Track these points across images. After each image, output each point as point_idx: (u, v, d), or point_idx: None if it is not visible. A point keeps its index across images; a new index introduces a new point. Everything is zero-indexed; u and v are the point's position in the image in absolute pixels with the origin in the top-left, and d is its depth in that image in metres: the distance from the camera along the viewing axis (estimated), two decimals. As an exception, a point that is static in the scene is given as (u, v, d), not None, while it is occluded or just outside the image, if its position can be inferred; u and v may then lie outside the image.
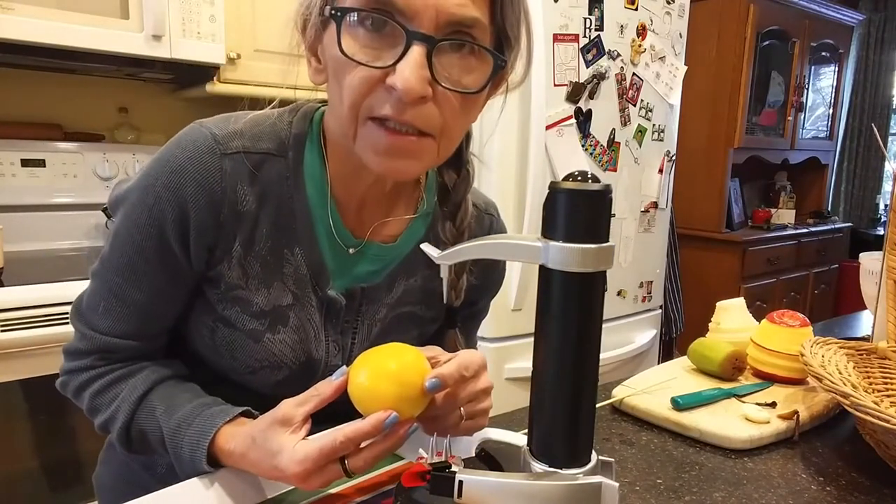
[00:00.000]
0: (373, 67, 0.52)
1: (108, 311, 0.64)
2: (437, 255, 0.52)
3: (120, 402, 0.64)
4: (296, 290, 0.66)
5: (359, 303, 0.69)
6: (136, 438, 0.64)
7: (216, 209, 0.60)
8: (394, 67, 0.51)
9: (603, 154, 1.96)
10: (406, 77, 0.50)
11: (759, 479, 0.65)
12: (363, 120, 0.55)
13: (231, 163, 0.60)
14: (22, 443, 1.38)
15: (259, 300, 0.65)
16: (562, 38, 1.78)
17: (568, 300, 0.44)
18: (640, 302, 2.21)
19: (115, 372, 0.65)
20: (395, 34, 0.51)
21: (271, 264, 0.64)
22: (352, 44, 0.52)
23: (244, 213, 0.62)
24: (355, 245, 0.68)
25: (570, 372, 0.45)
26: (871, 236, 3.98)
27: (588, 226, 0.43)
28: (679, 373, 0.90)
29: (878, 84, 4.02)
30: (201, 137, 0.60)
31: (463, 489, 0.46)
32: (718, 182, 3.09)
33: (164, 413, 0.62)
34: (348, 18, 0.52)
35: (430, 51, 0.51)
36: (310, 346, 0.68)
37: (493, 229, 0.78)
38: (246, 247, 0.63)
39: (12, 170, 1.68)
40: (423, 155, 0.57)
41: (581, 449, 0.47)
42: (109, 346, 0.65)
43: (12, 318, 1.29)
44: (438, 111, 0.54)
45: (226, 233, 0.62)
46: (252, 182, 0.62)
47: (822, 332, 1.00)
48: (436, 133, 0.56)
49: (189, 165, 0.59)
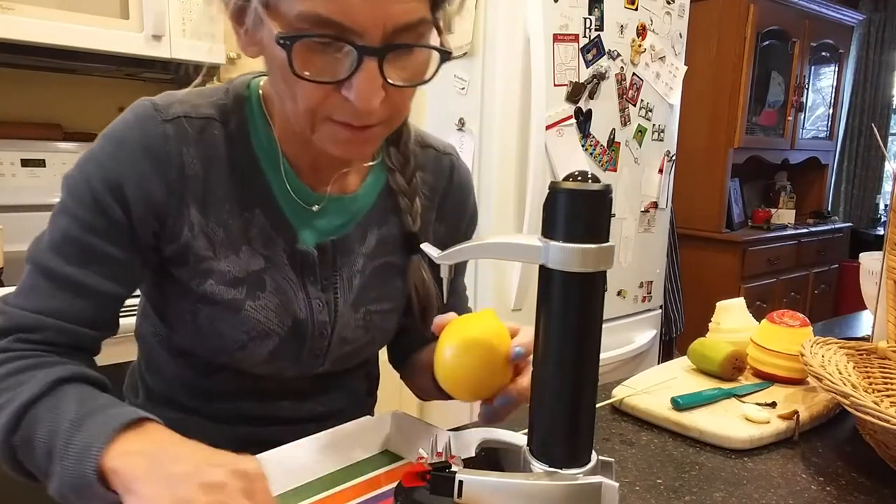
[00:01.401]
0: (327, 83, 0.53)
1: (35, 290, 0.59)
2: (436, 255, 0.52)
3: (29, 384, 0.54)
4: (265, 251, 0.66)
5: (332, 256, 0.69)
6: (26, 427, 0.53)
7: (162, 174, 0.60)
8: (349, 81, 0.52)
9: (603, 154, 1.96)
10: (363, 96, 0.52)
11: (759, 479, 0.65)
12: (321, 120, 0.56)
13: (173, 128, 0.61)
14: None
15: (231, 267, 0.64)
16: (562, 38, 1.78)
17: (568, 300, 0.44)
18: (640, 302, 2.21)
19: (31, 358, 0.57)
20: (346, 50, 0.51)
21: (234, 229, 0.64)
22: (302, 62, 0.52)
23: (192, 177, 0.62)
24: (317, 201, 0.68)
25: (570, 372, 0.45)
26: (871, 236, 3.98)
27: (588, 226, 0.43)
28: (679, 373, 0.90)
29: (878, 84, 4.02)
30: (141, 107, 0.61)
31: (463, 489, 0.46)
32: (718, 182, 3.09)
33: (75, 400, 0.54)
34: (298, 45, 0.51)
35: (381, 62, 0.52)
36: (292, 306, 0.67)
37: (454, 169, 0.78)
38: (204, 213, 0.63)
39: (12, 170, 1.68)
40: (378, 139, 0.60)
41: (581, 449, 0.47)
42: (29, 323, 0.58)
43: (12, 318, 1.28)
44: (390, 104, 0.56)
45: (177, 199, 0.61)
46: (197, 146, 0.62)
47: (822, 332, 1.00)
48: (387, 118, 0.58)
49: (130, 133, 0.60)
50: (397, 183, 0.71)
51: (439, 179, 0.77)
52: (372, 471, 0.64)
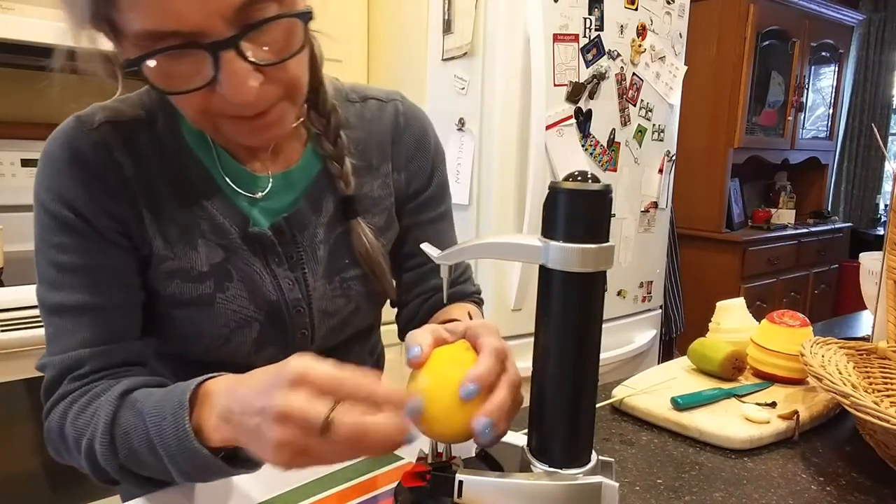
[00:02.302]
0: (196, 90, 0.51)
1: (58, 333, 0.61)
2: (436, 255, 0.52)
3: (101, 409, 0.57)
4: (221, 241, 0.66)
5: (290, 233, 0.68)
6: (122, 445, 0.55)
7: (102, 182, 0.61)
8: (216, 80, 0.50)
9: (603, 154, 1.96)
10: (234, 91, 0.50)
11: (759, 479, 0.65)
12: (216, 119, 0.55)
13: (98, 135, 0.61)
14: (23, 443, 1.38)
15: (192, 263, 0.65)
16: (562, 38, 1.78)
17: (568, 300, 0.44)
18: (640, 302, 2.21)
19: (93, 389, 0.60)
20: (199, 52, 0.49)
21: (186, 224, 0.64)
22: (166, 78, 0.51)
23: (132, 178, 0.62)
24: (262, 182, 0.67)
25: (569, 372, 0.45)
26: (871, 236, 3.98)
27: (588, 226, 0.43)
28: (679, 373, 0.90)
29: (878, 84, 4.02)
30: (65, 124, 0.62)
31: (463, 489, 0.46)
32: (718, 182, 3.09)
33: (146, 400, 0.55)
34: (145, 65, 0.49)
35: (238, 50, 0.49)
36: (262, 290, 0.67)
37: (399, 113, 0.76)
38: (154, 212, 0.63)
39: (12, 170, 1.68)
40: (285, 117, 0.58)
41: (581, 449, 0.47)
42: (71, 363, 0.60)
43: (12, 318, 1.29)
44: (277, 81, 0.54)
45: (128, 203, 0.62)
46: (127, 149, 0.62)
47: (822, 332, 1.00)
48: (284, 95, 0.56)
49: (60, 151, 0.60)
50: (323, 147, 0.69)
51: (385, 128, 0.75)
52: (372, 471, 0.64)
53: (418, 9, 1.91)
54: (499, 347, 0.49)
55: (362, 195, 0.73)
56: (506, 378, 0.49)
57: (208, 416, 0.50)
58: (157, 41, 0.48)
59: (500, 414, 0.47)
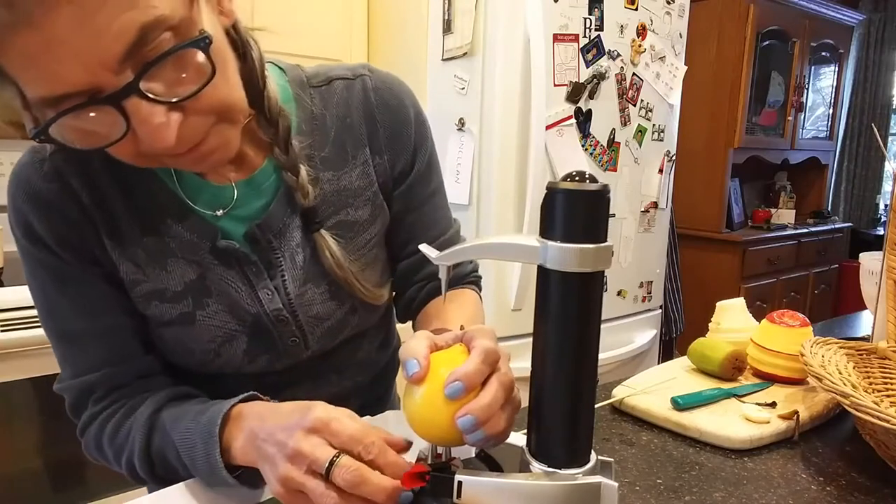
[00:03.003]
0: (114, 143, 0.47)
1: (68, 357, 0.64)
2: (434, 256, 0.52)
3: (134, 431, 0.62)
4: (194, 258, 0.63)
5: (266, 239, 0.65)
6: (159, 463, 0.62)
7: (60, 211, 0.60)
8: (132, 129, 0.46)
9: (603, 154, 1.96)
10: (151, 138, 0.46)
11: (759, 479, 0.65)
12: (156, 159, 0.51)
13: (51, 165, 0.59)
14: (24, 442, 1.38)
15: (166, 284, 0.63)
16: (562, 38, 1.78)
17: (566, 300, 0.44)
18: (640, 302, 2.21)
19: (121, 409, 0.64)
20: (100, 106, 0.45)
21: (154, 246, 0.63)
22: (80, 136, 0.47)
23: (91, 206, 0.60)
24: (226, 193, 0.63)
25: (568, 372, 0.45)
26: (871, 236, 3.98)
27: (586, 226, 0.43)
28: (679, 373, 0.90)
29: (878, 84, 4.02)
30: (22, 158, 0.61)
31: (462, 490, 0.46)
32: (718, 182, 3.09)
33: (173, 423, 0.60)
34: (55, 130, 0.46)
35: (142, 94, 0.45)
36: (240, 304, 0.65)
37: (368, 89, 0.69)
38: (116, 239, 0.62)
39: (12, 170, 1.68)
40: (226, 139, 0.53)
41: (580, 449, 0.47)
42: (88, 386, 0.64)
43: (12, 318, 1.29)
44: (202, 112, 0.49)
45: (91, 232, 0.61)
46: (83, 175, 0.60)
47: (822, 332, 1.00)
48: (217, 119, 0.51)
49: (16, 189, 0.60)
50: (276, 158, 0.63)
51: (356, 109, 0.68)
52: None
53: (418, 9, 1.91)
54: (489, 348, 0.49)
55: (340, 189, 0.68)
56: (495, 378, 0.48)
57: (237, 436, 0.55)
58: (56, 105, 0.44)
59: (487, 412, 0.47)
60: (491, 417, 0.47)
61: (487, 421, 0.47)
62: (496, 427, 0.48)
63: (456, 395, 0.47)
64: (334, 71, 0.69)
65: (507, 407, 0.49)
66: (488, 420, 0.47)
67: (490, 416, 0.47)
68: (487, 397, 0.47)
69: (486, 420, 0.47)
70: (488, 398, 0.47)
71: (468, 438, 0.48)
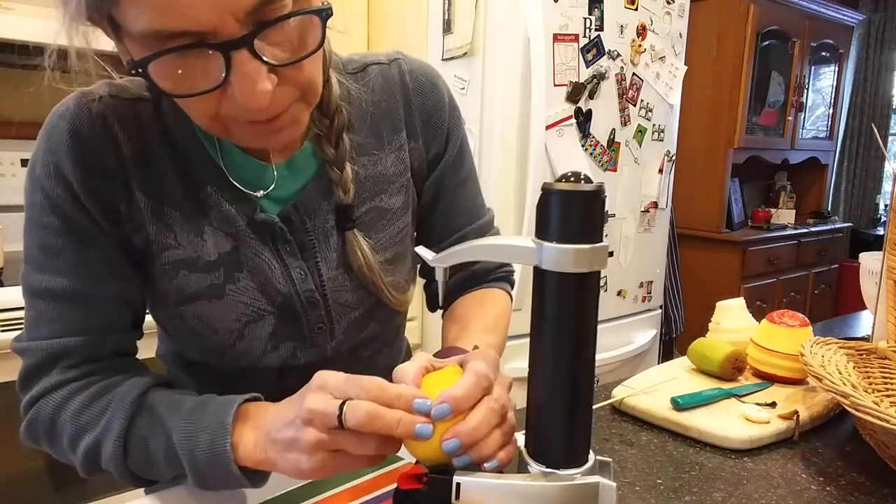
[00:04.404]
0: (206, 93, 0.47)
1: (43, 316, 0.58)
2: (431, 258, 0.52)
3: (113, 410, 0.56)
4: (229, 230, 0.62)
5: (300, 220, 0.65)
6: (135, 451, 0.56)
7: (98, 156, 0.57)
8: (227, 82, 0.47)
9: (603, 154, 1.96)
10: (247, 94, 0.47)
11: (759, 479, 0.65)
12: (228, 123, 0.52)
13: (100, 106, 0.58)
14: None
15: (198, 252, 0.61)
16: (562, 38, 1.78)
17: (563, 301, 0.44)
18: (640, 302, 2.21)
19: (94, 385, 0.58)
20: (210, 52, 0.45)
21: (192, 210, 0.61)
22: (172, 80, 0.47)
23: (131, 158, 0.59)
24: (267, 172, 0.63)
25: (566, 372, 0.45)
26: (871, 236, 3.98)
27: (581, 226, 0.42)
28: (679, 373, 0.90)
29: (878, 84, 4.02)
30: (68, 98, 0.58)
31: (460, 491, 0.46)
32: (718, 182, 3.09)
33: (169, 408, 0.56)
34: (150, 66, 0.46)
35: (253, 49, 0.46)
36: (272, 282, 0.64)
37: (403, 73, 0.70)
38: (152, 195, 0.60)
39: (12, 170, 1.68)
40: (299, 119, 0.55)
41: (578, 449, 0.47)
42: (62, 350, 0.58)
43: (12, 318, 1.28)
44: (292, 82, 0.51)
45: (122, 184, 0.59)
46: (130, 126, 0.59)
47: (822, 332, 1.00)
48: (299, 96, 0.53)
49: (59, 122, 0.57)
50: (324, 152, 0.64)
51: (393, 93, 0.69)
52: (372, 472, 0.64)
53: (418, 9, 1.91)
54: (481, 372, 0.48)
55: (375, 175, 0.68)
56: (485, 402, 0.48)
57: (247, 435, 0.53)
58: (163, 41, 0.44)
59: (473, 436, 0.46)
60: (478, 441, 0.46)
61: (474, 445, 0.46)
62: (483, 451, 0.47)
63: (442, 416, 0.46)
64: (368, 57, 0.70)
65: (498, 432, 0.48)
66: (475, 444, 0.46)
67: (476, 439, 0.46)
68: (474, 421, 0.46)
69: (473, 444, 0.46)
70: (475, 422, 0.46)
71: (455, 462, 0.47)
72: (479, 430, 0.46)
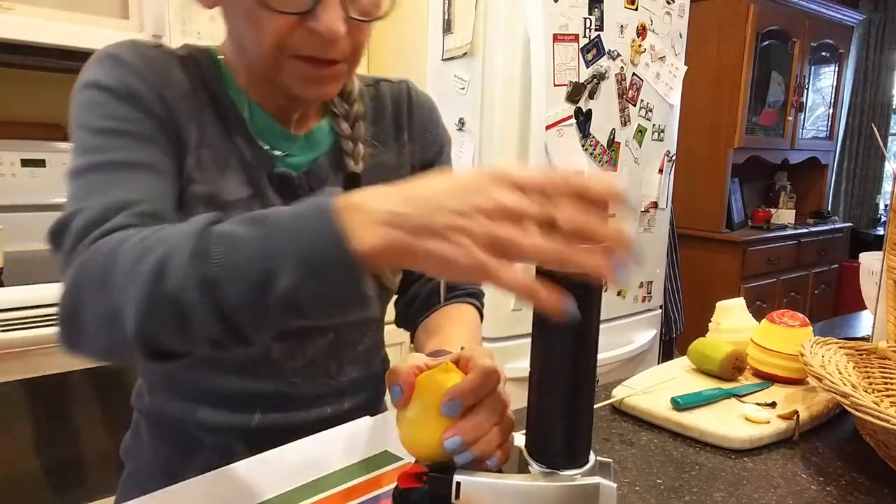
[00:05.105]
0: (293, 14, 0.55)
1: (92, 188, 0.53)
2: None
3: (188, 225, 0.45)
4: (249, 178, 0.67)
5: (309, 187, 0.70)
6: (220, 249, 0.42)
7: (160, 83, 0.61)
8: (312, 12, 0.55)
9: (603, 154, 1.96)
10: (330, 27, 0.55)
11: (759, 479, 0.65)
12: (287, 57, 0.58)
13: (155, 52, 0.63)
14: (22, 443, 1.38)
15: (219, 190, 0.64)
16: (562, 38, 1.78)
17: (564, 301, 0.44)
18: (640, 302, 2.21)
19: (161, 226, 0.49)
20: None
21: (220, 152, 0.65)
22: None
23: (182, 97, 0.63)
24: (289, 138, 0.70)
25: (567, 372, 0.45)
26: (871, 236, 3.98)
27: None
28: (679, 373, 0.90)
29: (878, 84, 4.02)
30: (122, 39, 0.63)
31: (460, 490, 0.46)
32: (718, 182, 3.09)
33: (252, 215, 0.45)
34: None
35: None
36: None
37: (411, 90, 0.81)
38: (194, 127, 0.64)
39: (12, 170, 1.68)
40: (341, 78, 0.63)
41: (579, 449, 0.46)
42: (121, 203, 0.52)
43: (12, 318, 1.28)
44: (352, 40, 0.59)
45: (177, 112, 0.62)
46: (179, 71, 0.64)
47: (822, 332, 1.00)
48: (349, 57, 0.61)
49: (123, 51, 0.61)
50: (341, 128, 0.72)
51: (400, 103, 0.79)
52: (372, 471, 0.64)
53: (418, 9, 1.91)
54: (489, 368, 0.48)
55: (378, 164, 0.74)
56: (489, 400, 0.48)
57: (360, 224, 0.40)
58: None
59: (475, 433, 0.46)
60: (479, 438, 0.46)
61: (475, 442, 0.46)
62: (484, 448, 0.47)
63: (453, 413, 0.46)
64: (380, 77, 0.81)
65: (498, 429, 0.48)
66: (476, 441, 0.46)
67: (478, 437, 0.46)
68: (476, 418, 0.46)
69: (474, 441, 0.46)
70: (476, 419, 0.46)
71: (457, 459, 0.47)
72: (480, 427, 0.46)
